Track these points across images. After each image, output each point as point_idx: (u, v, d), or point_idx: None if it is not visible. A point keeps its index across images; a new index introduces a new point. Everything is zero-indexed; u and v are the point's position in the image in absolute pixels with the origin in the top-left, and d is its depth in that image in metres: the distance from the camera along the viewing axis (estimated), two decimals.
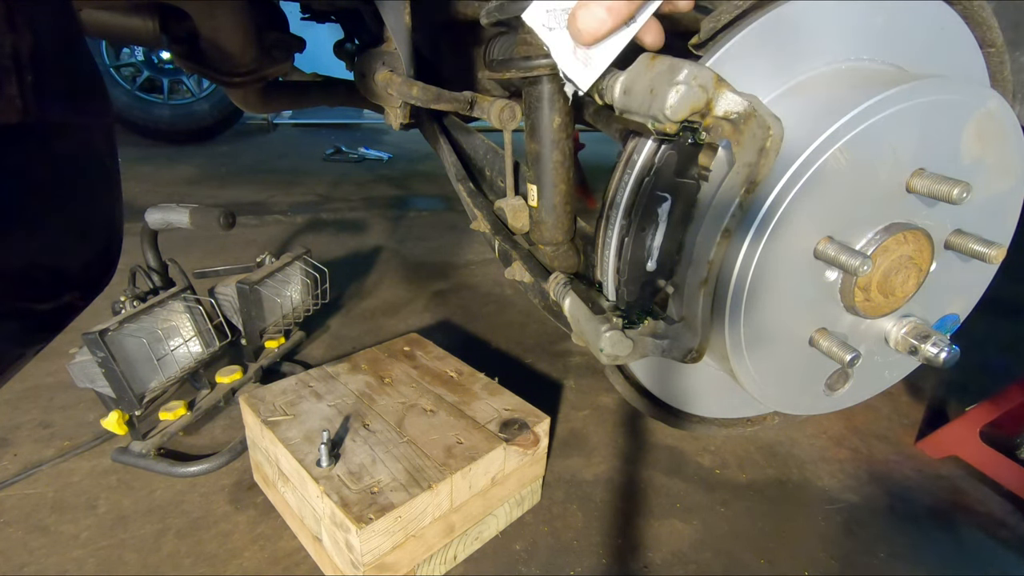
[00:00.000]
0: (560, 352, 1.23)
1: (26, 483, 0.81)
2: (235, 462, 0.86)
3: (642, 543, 0.77)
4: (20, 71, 0.30)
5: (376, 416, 0.74)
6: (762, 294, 0.58)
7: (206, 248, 1.71)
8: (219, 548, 0.72)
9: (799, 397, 0.70)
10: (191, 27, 0.97)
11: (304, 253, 1.12)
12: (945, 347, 0.64)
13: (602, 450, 0.94)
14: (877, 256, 0.60)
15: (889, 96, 0.53)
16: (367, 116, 4.13)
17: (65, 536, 0.73)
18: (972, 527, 0.83)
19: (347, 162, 3.08)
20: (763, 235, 0.55)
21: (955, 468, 0.94)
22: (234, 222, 0.91)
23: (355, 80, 1.09)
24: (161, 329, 0.87)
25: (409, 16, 0.81)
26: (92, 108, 0.38)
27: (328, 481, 0.63)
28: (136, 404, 0.81)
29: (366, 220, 2.08)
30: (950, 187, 0.55)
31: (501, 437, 0.72)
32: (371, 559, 0.60)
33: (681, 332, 0.58)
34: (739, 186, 0.47)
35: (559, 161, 0.65)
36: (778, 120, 0.41)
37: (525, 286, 0.72)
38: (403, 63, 0.86)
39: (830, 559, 0.76)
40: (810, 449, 0.97)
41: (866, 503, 0.86)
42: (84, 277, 0.40)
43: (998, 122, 0.61)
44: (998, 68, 0.69)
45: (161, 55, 2.97)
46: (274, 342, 1.09)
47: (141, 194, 2.19)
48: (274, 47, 1.09)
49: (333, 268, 1.17)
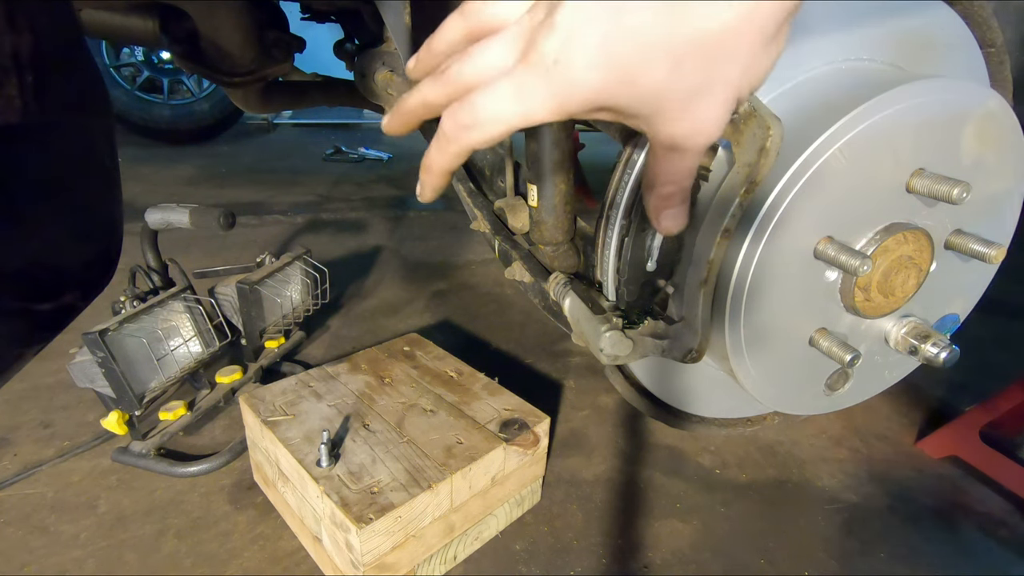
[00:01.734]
0: (560, 352, 1.23)
1: (26, 483, 0.81)
2: (235, 462, 0.86)
3: (642, 543, 0.77)
4: (20, 71, 0.30)
5: (376, 416, 0.74)
6: (762, 294, 0.58)
7: (206, 248, 1.71)
8: (219, 548, 0.72)
9: (799, 397, 0.70)
10: (191, 27, 0.97)
11: (304, 253, 1.12)
12: (945, 347, 0.64)
13: (602, 450, 0.94)
14: (877, 256, 0.60)
15: (889, 96, 0.53)
16: (367, 116, 4.13)
17: (65, 536, 0.73)
18: (972, 527, 0.83)
19: (347, 162, 3.07)
20: (763, 235, 0.55)
21: (955, 468, 0.94)
22: (234, 222, 0.91)
23: (355, 80, 1.09)
24: (161, 329, 0.87)
25: (409, 16, 0.81)
26: (92, 108, 0.38)
27: (328, 481, 0.63)
28: (136, 404, 0.81)
29: (366, 220, 2.08)
30: (950, 187, 0.55)
31: (501, 437, 0.72)
32: (371, 559, 0.60)
33: (681, 332, 0.58)
34: (739, 186, 0.47)
35: (559, 161, 0.65)
36: (778, 120, 0.41)
37: (525, 286, 0.72)
38: (403, 63, 0.86)
39: (830, 559, 0.76)
40: (810, 449, 0.97)
41: (866, 503, 0.86)
42: (84, 277, 0.40)
43: (998, 122, 0.61)
44: (998, 68, 0.69)
45: (161, 55, 2.97)
46: (274, 342, 1.09)
47: (141, 194, 2.19)
48: (274, 47, 1.09)
49: (333, 268, 1.17)
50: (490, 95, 0.29)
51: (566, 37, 0.27)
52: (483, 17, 0.33)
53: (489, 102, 0.29)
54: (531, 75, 0.28)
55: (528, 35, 0.29)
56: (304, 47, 1.19)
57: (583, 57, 0.27)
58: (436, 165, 0.34)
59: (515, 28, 0.30)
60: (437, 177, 0.35)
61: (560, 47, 0.27)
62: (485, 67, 0.30)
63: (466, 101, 0.30)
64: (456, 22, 0.34)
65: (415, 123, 0.36)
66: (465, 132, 0.31)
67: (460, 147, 0.32)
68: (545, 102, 0.28)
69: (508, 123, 0.30)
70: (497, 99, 0.29)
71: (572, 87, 0.28)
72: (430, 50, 0.36)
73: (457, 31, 0.34)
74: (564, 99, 0.28)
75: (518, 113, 0.29)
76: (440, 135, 0.32)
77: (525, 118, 0.29)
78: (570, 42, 0.27)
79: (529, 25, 0.29)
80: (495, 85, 0.29)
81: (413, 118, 0.35)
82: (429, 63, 0.36)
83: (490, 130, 0.30)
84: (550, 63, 0.27)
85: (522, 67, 0.28)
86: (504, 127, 0.30)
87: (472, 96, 0.30)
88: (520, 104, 0.29)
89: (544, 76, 0.28)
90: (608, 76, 0.27)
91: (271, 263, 1.07)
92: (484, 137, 0.31)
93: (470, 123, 0.30)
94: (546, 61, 0.27)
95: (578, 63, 0.27)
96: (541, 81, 0.28)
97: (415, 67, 0.37)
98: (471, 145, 0.31)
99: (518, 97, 0.29)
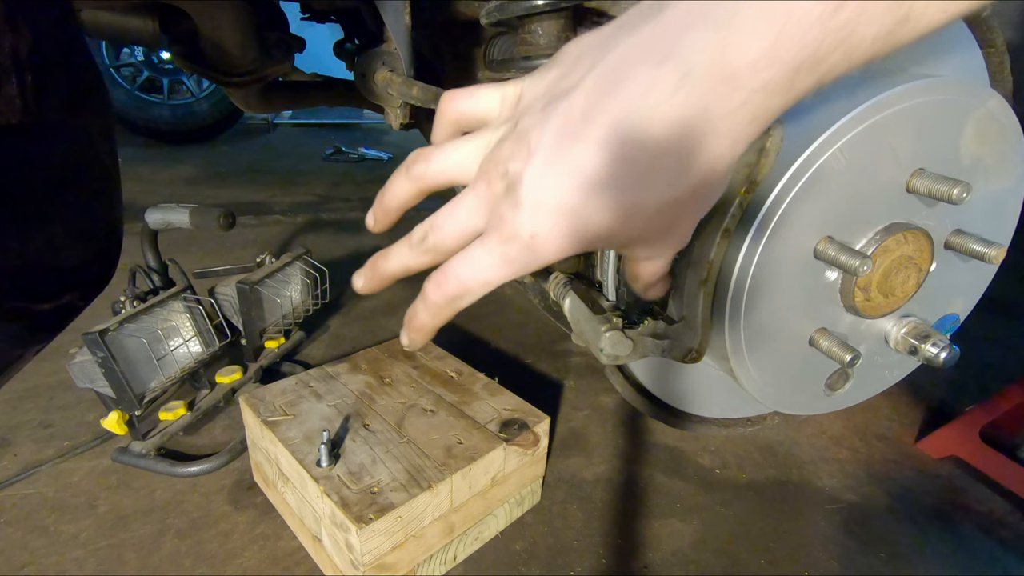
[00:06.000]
0: (560, 352, 1.23)
1: (26, 483, 0.81)
2: (235, 462, 0.86)
3: (642, 543, 0.77)
4: (20, 71, 0.30)
5: (376, 416, 0.74)
6: (762, 294, 0.58)
7: (206, 248, 1.71)
8: (219, 548, 0.72)
9: (799, 397, 0.70)
10: (191, 27, 0.97)
11: (304, 253, 1.12)
12: (945, 347, 0.64)
13: (602, 450, 0.94)
14: (877, 256, 0.60)
15: (889, 96, 0.53)
16: (367, 116, 4.13)
17: (65, 536, 0.73)
18: (972, 527, 0.83)
19: (347, 162, 3.08)
20: (763, 235, 0.55)
21: (955, 468, 0.94)
22: (234, 222, 0.90)
23: (355, 80, 1.09)
24: (161, 329, 0.87)
25: (409, 16, 0.81)
26: (92, 108, 0.38)
27: (328, 481, 0.63)
28: (136, 404, 0.81)
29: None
30: (950, 187, 0.55)
31: (501, 437, 0.72)
32: (371, 559, 0.60)
33: (681, 332, 0.58)
34: (739, 186, 0.47)
35: None
36: (778, 121, 0.40)
37: (525, 286, 0.72)
38: (403, 63, 0.86)
39: (830, 559, 0.76)
40: (810, 449, 0.97)
41: (866, 503, 0.86)
42: (84, 277, 0.40)
43: (998, 122, 0.61)
44: (998, 68, 0.69)
45: (161, 55, 2.97)
46: (274, 342, 1.09)
47: (141, 194, 2.19)
48: (274, 47, 1.09)
49: (333, 268, 1.17)
50: (476, 266, 0.31)
51: (535, 214, 0.28)
52: (429, 178, 0.35)
53: (473, 271, 0.31)
54: (510, 246, 0.29)
55: (490, 203, 0.30)
56: (304, 47, 1.19)
57: (557, 230, 0.29)
58: (428, 326, 0.35)
59: (474, 193, 0.31)
60: (427, 335, 0.36)
61: (533, 224, 0.28)
62: (458, 233, 0.32)
63: (451, 274, 0.32)
64: (403, 183, 0.36)
65: (392, 283, 0.38)
66: (455, 301, 0.32)
67: (451, 311, 0.33)
68: (529, 265, 0.30)
69: (495, 285, 0.31)
70: (483, 269, 0.31)
71: (551, 252, 0.30)
72: (385, 209, 0.38)
73: (406, 190, 0.37)
74: (545, 259, 0.30)
75: (503, 277, 0.31)
76: (428, 302, 0.33)
77: (510, 277, 0.31)
78: (542, 219, 0.28)
79: (487, 193, 0.30)
80: (478, 256, 0.31)
81: (391, 281, 0.38)
82: (386, 221, 0.39)
83: (478, 294, 0.32)
84: (527, 238, 0.29)
85: (498, 239, 0.30)
86: (490, 288, 0.32)
87: (456, 269, 0.31)
88: (504, 270, 0.31)
89: (525, 248, 0.29)
90: (584, 239, 0.29)
91: (271, 263, 1.07)
92: (472, 300, 0.32)
93: (459, 293, 0.32)
94: (523, 236, 0.29)
95: (554, 235, 0.29)
96: (521, 252, 0.29)
97: (375, 225, 0.40)
98: (461, 308, 0.33)
99: (502, 264, 0.30)
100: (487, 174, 0.30)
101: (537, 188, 0.28)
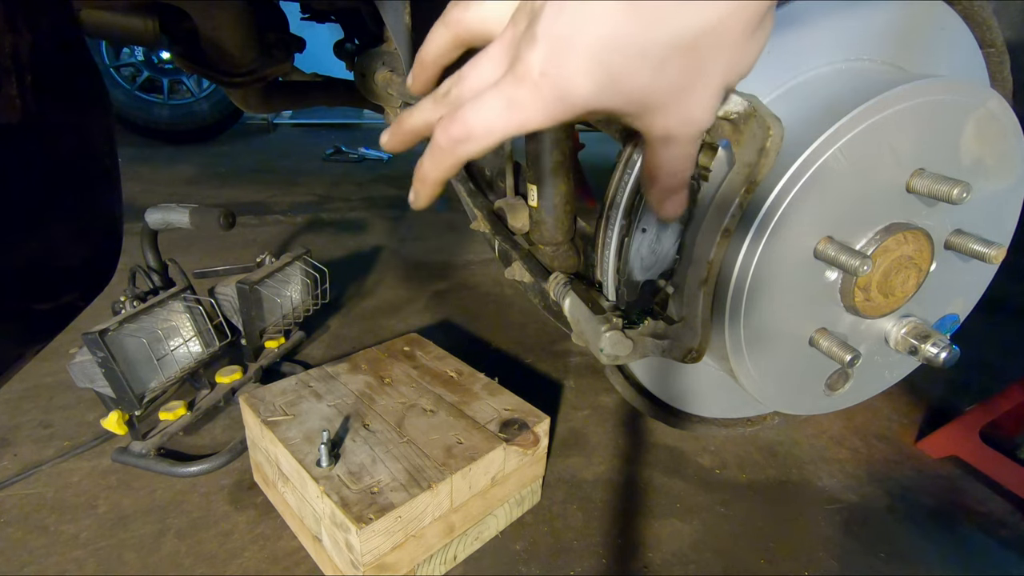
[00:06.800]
0: (560, 352, 1.23)
1: (26, 483, 0.81)
2: (235, 462, 0.86)
3: (642, 543, 0.77)
4: (20, 71, 0.30)
5: (376, 416, 0.74)
6: (762, 294, 0.58)
7: (206, 248, 1.71)
8: (219, 548, 0.72)
9: (799, 397, 0.70)
10: (191, 27, 0.97)
11: (304, 253, 1.12)
12: (945, 347, 0.64)
13: (602, 450, 0.94)
14: (877, 256, 0.60)
15: (889, 96, 0.53)
16: (367, 116, 4.13)
17: (65, 536, 0.73)
18: (972, 527, 0.83)
19: (347, 162, 3.07)
20: (763, 235, 0.55)
21: (955, 468, 0.94)
22: (234, 222, 0.91)
23: (355, 80, 1.09)
24: (161, 329, 0.87)
25: (409, 16, 0.81)
26: (92, 108, 0.38)
27: (328, 481, 0.63)
28: (136, 404, 0.81)
29: (366, 220, 2.08)
30: (950, 187, 0.55)
31: (501, 437, 0.72)
32: (371, 559, 0.60)
33: (681, 332, 0.58)
34: (739, 186, 0.47)
35: (559, 161, 0.65)
36: (778, 120, 0.40)
37: (525, 286, 0.72)
38: (403, 63, 0.86)
39: (830, 559, 0.76)
40: (810, 449, 0.97)
41: (866, 503, 0.86)
42: (84, 277, 0.40)
43: (998, 122, 0.61)
44: (998, 68, 0.69)
45: (161, 55, 2.97)
46: (274, 342, 1.09)
47: (141, 194, 2.19)
48: (274, 47, 1.09)
49: (333, 268, 1.17)
50: (481, 108, 0.30)
51: (549, 49, 0.27)
52: (465, 24, 0.34)
53: (481, 115, 0.30)
54: (520, 88, 0.28)
55: (513, 46, 0.29)
56: (304, 47, 1.19)
57: (568, 68, 0.27)
58: (430, 176, 0.34)
59: (500, 41, 0.30)
60: (431, 187, 0.35)
61: (544, 59, 0.27)
62: (481, 84, 0.31)
63: (458, 117, 0.30)
64: (441, 32, 0.35)
65: (415, 142, 0.36)
66: (459, 145, 0.31)
67: (455, 159, 0.32)
68: (536, 113, 0.29)
69: (500, 135, 0.30)
70: (488, 112, 0.29)
71: (560, 97, 0.28)
72: (422, 63, 0.37)
73: (443, 40, 0.35)
74: (553, 108, 0.28)
75: (510, 125, 0.29)
76: (434, 147, 0.32)
77: (518, 128, 0.30)
78: (554, 54, 0.27)
79: (512, 35, 0.29)
80: (485, 98, 0.30)
81: (415, 137, 0.36)
82: (424, 77, 0.37)
83: (483, 142, 0.30)
84: (537, 76, 0.28)
85: (511, 80, 0.29)
86: (496, 139, 0.30)
87: (464, 112, 0.30)
88: (511, 116, 0.29)
89: (533, 88, 0.28)
90: (594, 83, 0.28)
91: (271, 263, 1.07)
92: (477, 149, 0.31)
93: (463, 136, 0.31)
94: (533, 74, 0.28)
95: (564, 74, 0.27)
96: (530, 93, 0.28)
97: (413, 83, 0.38)
98: (465, 157, 0.32)
99: (509, 109, 0.29)
100: (515, 15, 0.29)
101: (553, 21, 0.27)
